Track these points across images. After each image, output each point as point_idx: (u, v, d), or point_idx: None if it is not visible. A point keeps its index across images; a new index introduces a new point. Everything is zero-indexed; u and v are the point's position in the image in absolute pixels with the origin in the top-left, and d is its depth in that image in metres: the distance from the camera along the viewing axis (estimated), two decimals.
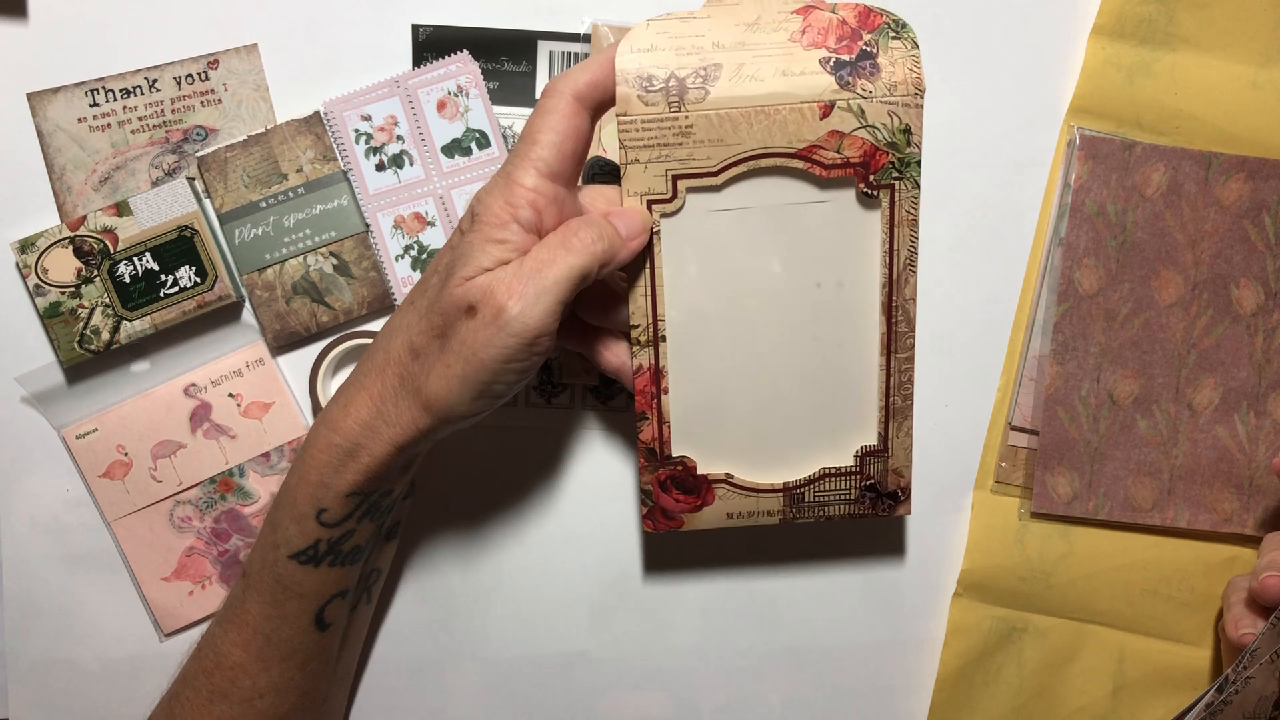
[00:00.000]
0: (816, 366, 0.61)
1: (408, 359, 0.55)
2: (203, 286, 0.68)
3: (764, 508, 0.62)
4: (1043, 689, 0.71)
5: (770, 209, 0.58)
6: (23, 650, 0.72)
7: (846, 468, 0.62)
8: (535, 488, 0.72)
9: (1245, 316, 0.69)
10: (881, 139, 0.56)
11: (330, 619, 0.61)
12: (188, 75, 0.69)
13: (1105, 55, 0.69)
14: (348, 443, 0.56)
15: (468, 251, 0.54)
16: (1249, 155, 0.68)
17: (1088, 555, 0.71)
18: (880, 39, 0.56)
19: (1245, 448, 0.70)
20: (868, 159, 0.57)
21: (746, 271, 0.59)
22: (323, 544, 0.59)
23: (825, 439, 0.62)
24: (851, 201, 0.58)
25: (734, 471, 0.62)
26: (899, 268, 0.59)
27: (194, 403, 0.70)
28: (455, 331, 0.53)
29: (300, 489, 0.58)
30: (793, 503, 0.62)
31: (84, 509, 0.71)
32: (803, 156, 0.57)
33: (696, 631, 0.72)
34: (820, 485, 0.62)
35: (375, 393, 0.56)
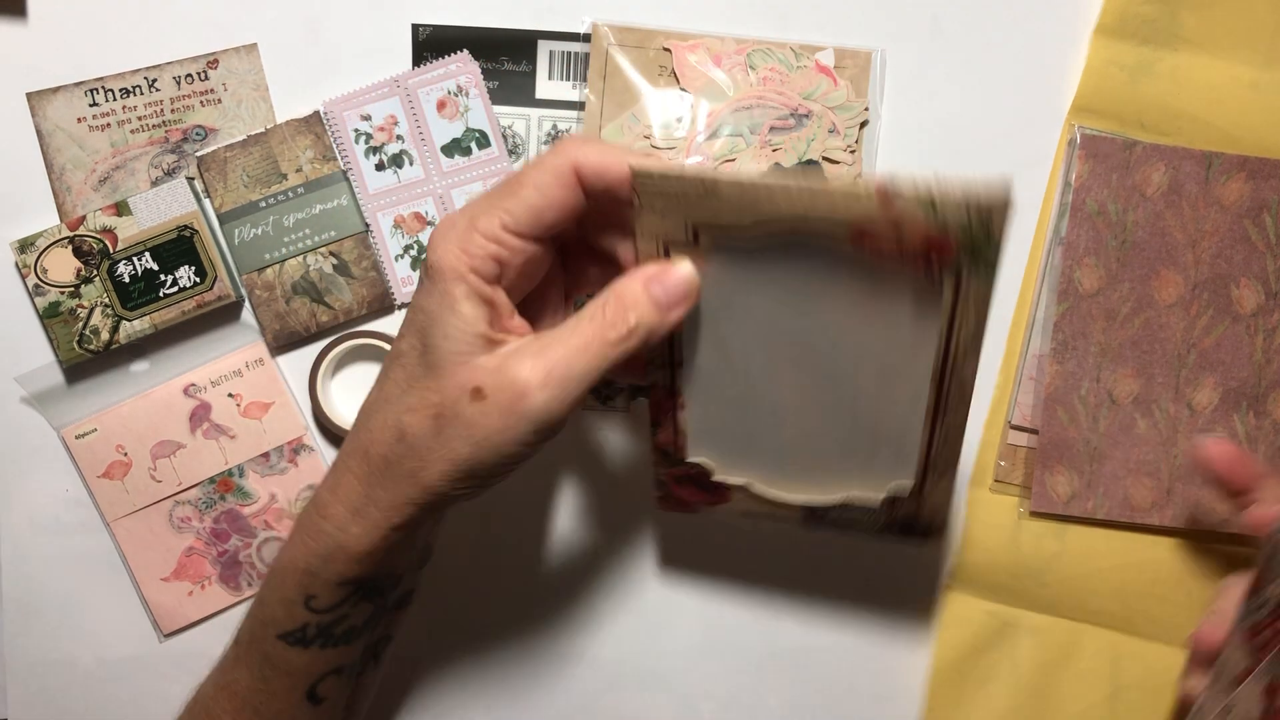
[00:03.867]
0: (857, 415, 0.55)
1: (393, 440, 0.51)
2: (202, 286, 0.68)
3: (782, 514, 0.60)
4: (1039, 689, 0.71)
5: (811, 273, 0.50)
6: (23, 650, 0.72)
7: (874, 502, 0.58)
8: (535, 488, 0.72)
9: (1245, 316, 0.69)
10: (954, 233, 0.47)
11: (324, 694, 0.59)
12: (187, 75, 0.69)
13: (1108, 55, 0.69)
14: (336, 529, 0.53)
15: (440, 314, 0.50)
16: (1250, 155, 0.68)
17: (1082, 554, 0.71)
18: None
19: (1244, 447, 0.70)
20: (932, 249, 0.48)
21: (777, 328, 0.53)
22: (311, 627, 0.56)
23: (854, 473, 0.58)
24: (907, 283, 0.50)
25: (752, 483, 0.59)
26: (958, 348, 0.51)
27: (194, 403, 0.70)
28: (458, 414, 0.49)
29: (289, 574, 0.55)
30: (814, 517, 0.60)
31: (84, 509, 0.71)
32: (854, 240, 0.48)
33: (696, 631, 0.72)
34: (844, 512, 0.59)
35: (362, 475, 0.53)
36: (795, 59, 0.70)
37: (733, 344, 0.54)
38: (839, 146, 0.70)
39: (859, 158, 0.70)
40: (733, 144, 0.69)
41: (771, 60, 0.70)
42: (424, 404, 0.50)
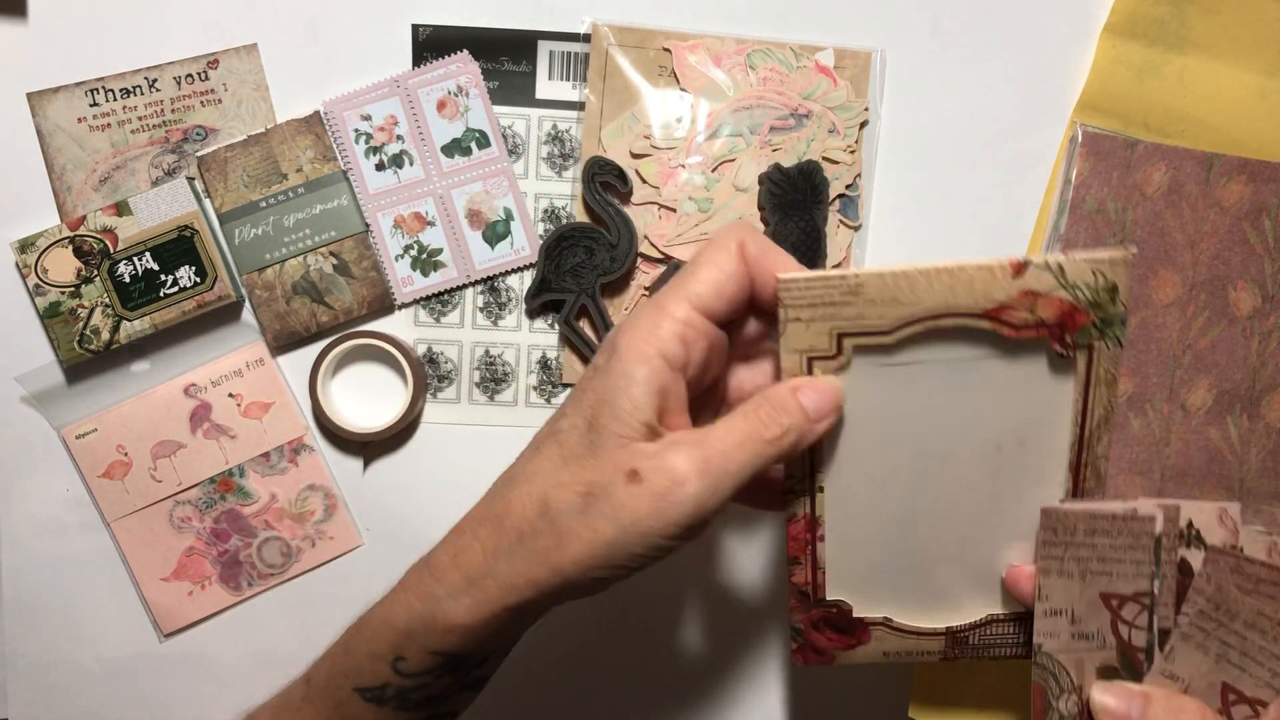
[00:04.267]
0: (991, 520, 0.55)
1: (534, 514, 0.49)
2: (202, 286, 0.68)
3: (924, 648, 0.58)
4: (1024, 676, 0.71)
5: (949, 364, 0.52)
6: (23, 650, 0.72)
7: (1016, 613, 0.57)
8: None
9: (1241, 319, 0.69)
10: (1083, 299, 0.50)
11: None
12: (188, 75, 0.69)
13: (1116, 54, 0.69)
14: (446, 595, 0.51)
15: (614, 396, 0.49)
16: (1250, 158, 0.69)
17: None
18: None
19: (1237, 450, 0.70)
20: (1064, 319, 0.50)
21: (918, 427, 0.53)
22: (392, 688, 0.54)
23: (995, 584, 0.57)
24: (1042, 362, 0.52)
25: (893, 616, 0.57)
26: (1092, 427, 0.53)
27: (194, 403, 0.70)
28: (610, 495, 0.48)
29: (383, 629, 0.53)
30: (955, 644, 0.58)
31: (84, 509, 0.71)
32: (990, 317, 0.50)
33: (697, 631, 0.73)
34: (986, 630, 0.57)
35: (490, 545, 0.51)
36: (795, 59, 0.70)
37: (874, 459, 0.54)
38: (839, 146, 0.70)
39: (859, 158, 0.70)
40: (733, 144, 0.70)
41: (771, 60, 0.70)
42: (575, 480, 0.49)
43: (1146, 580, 0.54)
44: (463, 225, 0.70)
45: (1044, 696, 0.57)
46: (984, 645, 0.58)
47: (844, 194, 0.70)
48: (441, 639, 0.51)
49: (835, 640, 0.58)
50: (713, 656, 0.73)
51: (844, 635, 0.58)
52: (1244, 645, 0.53)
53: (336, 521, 0.71)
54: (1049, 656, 0.56)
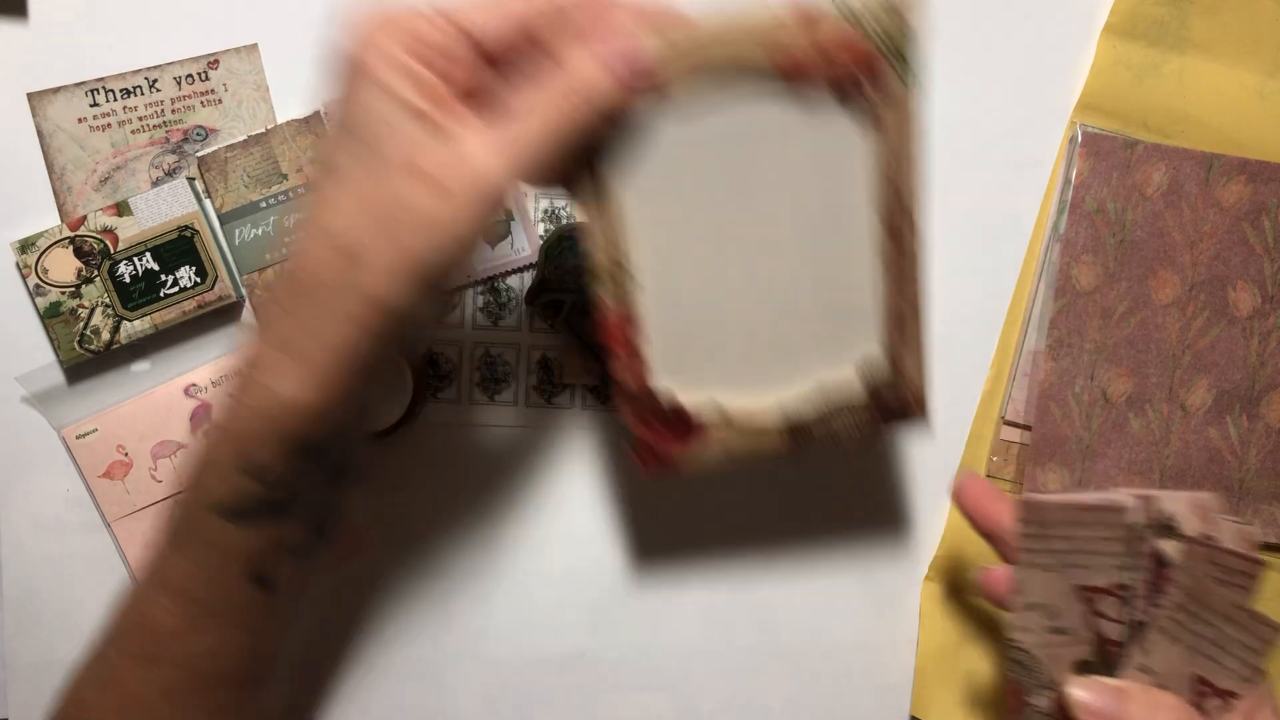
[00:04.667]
0: (808, 282, 0.55)
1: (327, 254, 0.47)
2: (203, 286, 0.68)
3: (764, 444, 0.57)
4: None
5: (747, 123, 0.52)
6: (23, 650, 0.72)
7: (849, 382, 0.57)
8: (535, 488, 0.72)
9: (1241, 319, 0.69)
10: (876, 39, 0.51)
11: (272, 577, 0.54)
12: (188, 75, 0.69)
13: (1115, 54, 0.69)
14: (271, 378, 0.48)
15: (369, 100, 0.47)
16: (1250, 158, 0.69)
17: None
18: None
19: (1237, 450, 0.70)
20: (860, 65, 0.51)
21: (723, 198, 0.54)
22: (250, 497, 0.51)
23: (821, 352, 0.57)
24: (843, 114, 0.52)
25: (722, 398, 0.57)
26: (898, 170, 0.54)
27: (194, 403, 0.70)
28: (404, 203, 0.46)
29: (222, 439, 0.50)
30: (796, 436, 0.57)
31: (84, 509, 0.71)
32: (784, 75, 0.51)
33: (696, 631, 0.73)
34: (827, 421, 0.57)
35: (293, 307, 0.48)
36: None
37: (678, 233, 0.54)
38: None
39: None
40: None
41: None
42: (362, 207, 0.46)
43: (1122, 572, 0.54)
44: None
45: (1019, 693, 0.57)
46: (829, 435, 0.58)
47: None
48: (283, 426, 0.49)
49: (670, 437, 0.57)
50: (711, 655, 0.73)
51: (676, 429, 0.57)
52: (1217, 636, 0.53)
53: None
54: (1024, 653, 0.56)
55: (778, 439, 0.57)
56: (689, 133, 0.52)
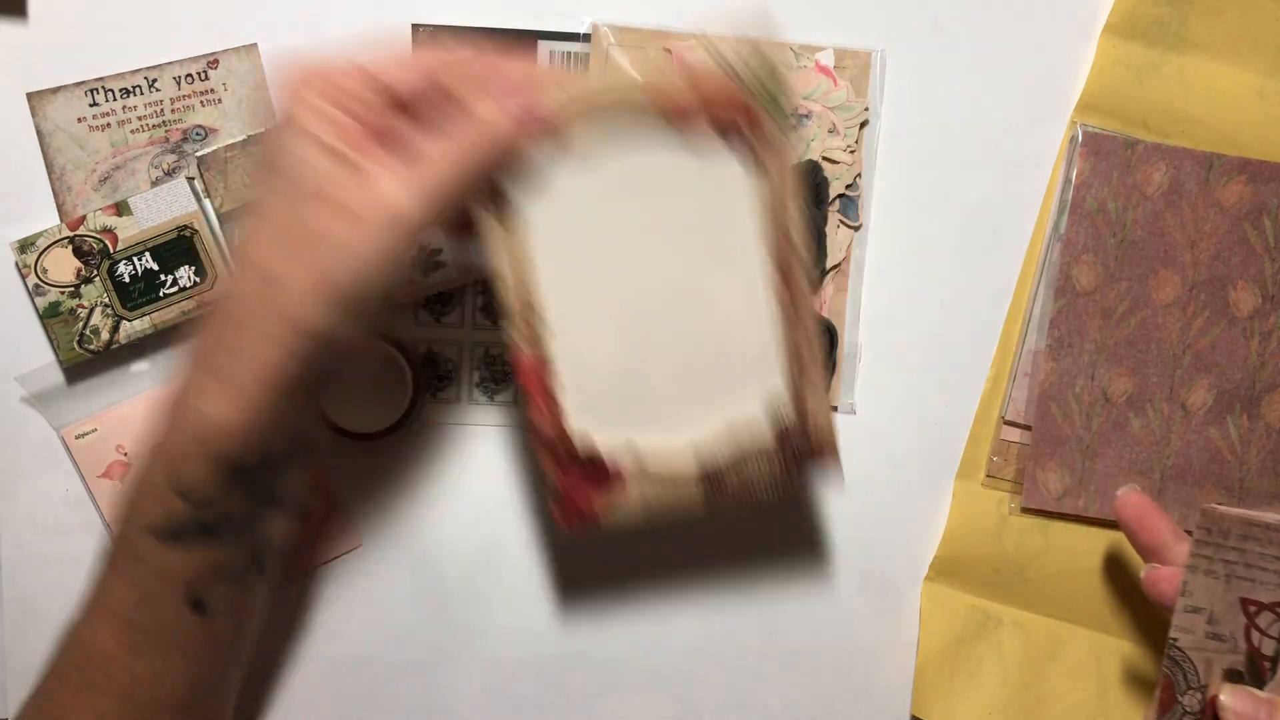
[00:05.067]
0: (710, 320, 0.58)
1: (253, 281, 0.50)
2: (202, 286, 0.68)
3: (682, 494, 0.59)
4: (1028, 683, 0.71)
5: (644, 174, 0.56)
6: (23, 650, 0.72)
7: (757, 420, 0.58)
8: (535, 488, 0.72)
9: (1241, 319, 0.69)
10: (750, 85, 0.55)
11: (210, 603, 0.55)
12: (187, 75, 0.69)
13: (1116, 54, 0.69)
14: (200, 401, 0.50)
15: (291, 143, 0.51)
16: (1250, 158, 0.69)
17: (1066, 553, 0.71)
18: None
19: (1237, 450, 0.70)
20: (738, 112, 0.55)
21: (624, 241, 0.57)
22: (182, 517, 0.52)
23: (728, 390, 0.59)
24: (729, 158, 0.56)
25: (637, 439, 0.58)
26: (786, 216, 0.57)
27: None
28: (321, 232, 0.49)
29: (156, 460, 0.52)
30: (713, 488, 0.59)
31: (84, 509, 0.71)
32: (672, 120, 0.55)
33: (696, 631, 0.73)
34: (739, 468, 0.59)
35: (220, 332, 0.51)
36: (795, 59, 0.70)
37: (583, 278, 0.57)
38: (839, 147, 0.70)
39: (859, 158, 0.70)
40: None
41: None
42: (281, 235, 0.49)
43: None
44: None
45: (1171, 689, 0.58)
46: (743, 484, 0.59)
47: (844, 194, 0.70)
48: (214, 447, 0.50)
49: (587, 485, 0.58)
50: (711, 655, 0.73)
51: (593, 476, 0.58)
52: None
53: (336, 522, 0.71)
54: (1181, 652, 0.58)
55: (694, 489, 0.59)
56: (587, 180, 0.56)
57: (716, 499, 0.59)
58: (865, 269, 0.71)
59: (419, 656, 0.72)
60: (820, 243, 0.69)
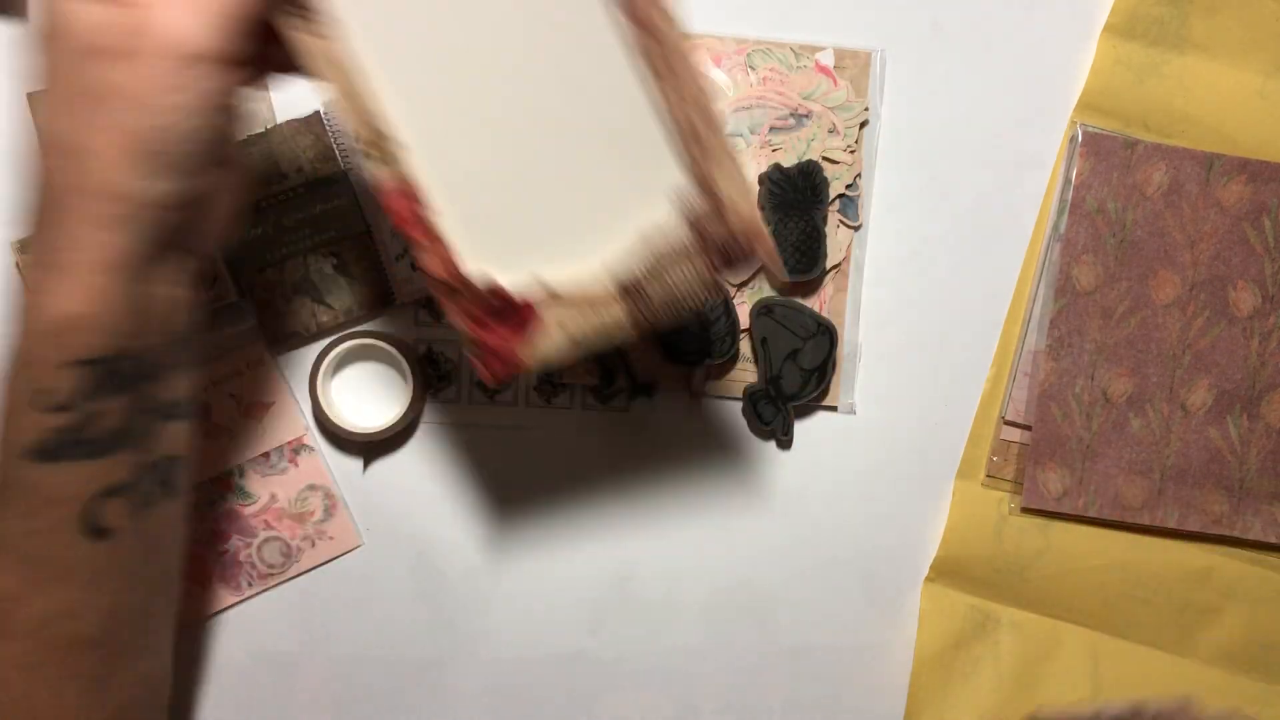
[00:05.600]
0: (581, 110, 0.50)
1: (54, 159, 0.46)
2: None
3: (606, 317, 0.51)
4: (1023, 685, 0.71)
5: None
6: None
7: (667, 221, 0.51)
8: (535, 487, 0.72)
9: (1241, 319, 0.69)
10: None
11: (108, 525, 0.50)
12: None
13: (1116, 54, 0.69)
14: (43, 297, 0.46)
15: None
16: (1250, 158, 0.69)
17: (1065, 553, 0.71)
18: None
19: (1237, 450, 0.70)
20: None
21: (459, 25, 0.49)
22: (55, 433, 0.47)
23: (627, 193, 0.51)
24: None
25: (543, 270, 0.51)
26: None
27: None
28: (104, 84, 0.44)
29: (14, 375, 0.48)
30: (637, 303, 0.51)
31: None
32: None
33: (696, 631, 0.73)
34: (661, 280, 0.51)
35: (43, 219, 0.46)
36: (795, 59, 0.70)
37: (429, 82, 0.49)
38: (839, 146, 0.70)
39: (859, 158, 0.70)
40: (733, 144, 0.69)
41: (771, 60, 0.70)
42: (69, 103, 0.44)
43: None
44: None
45: None
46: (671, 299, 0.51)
47: (844, 194, 0.70)
48: (69, 345, 0.46)
49: (504, 331, 0.51)
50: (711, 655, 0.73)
51: (506, 318, 0.51)
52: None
53: (336, 521, 0.71)
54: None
55: (616, 308, 0.51)
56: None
57: (642, 314, 0.51)
58: (865, 269, 0.71)
59: (419, 656, 0.72)
60: (820, 243, 0.69)
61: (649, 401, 0.72)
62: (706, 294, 0.52)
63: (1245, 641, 0.71)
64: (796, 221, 0.69)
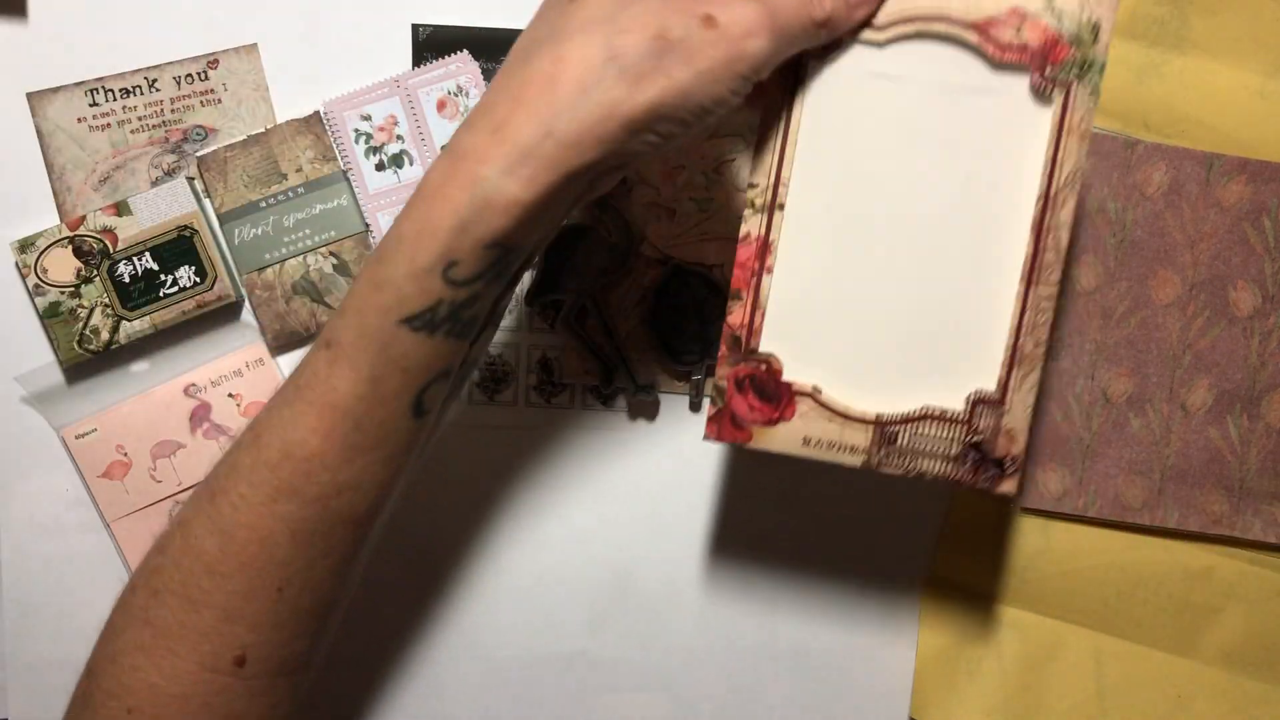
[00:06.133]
0: (945, 279, 0.54)
1: (597, 63, 0.45)
2: (202, 286, 0.68)
3: (849, 441, 0.54)
4: (1027, 685, 0.71)
5: (932, 86, 0.53)
6: (23, 650, 0.72)
7: (954, 413, 0.53)
8: (535, 487, 0.72)
9: (1241, 319, 0.69)
10: (1067, 30, 0.51)
11: (428, 405, 0.51)
12: (187, 75, 0.69)
13: (1115, 54, 0.69)
14: (497, 174, 0.46)
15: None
16: (1250, 158, 0.69)
17: (1066, 553, 0.71)
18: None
19: (1237, 450, 0.70)
20: (1048, 49, 0.51)
21: (891, 154, 0.54)
22: (444, 306, 0.48)
23: (935, 372, 0.54)
24: (1022, 94, 0.52)
25: (823, 385, 0.54)
26: (1059, 183, 0.52)
27: (194, 403, 0.70)
28: (685, 39, 0.46)
29: (426, 238, 0.47)
30: (883, 443, 0.54)
31: (84, 509, 0.71)
32: (979, 30, 0.51)
33: (696, 631, 0.73)
34: (919, 428, 0.54)
35: (542, 107, 0.46)
36: None
37: (841, 180, 0.54)
38: None
39: None
40: (732, 144, 0.70)
41: None
42: (643, 25, 0.46)
43: None
44: None
45: None
46: (914, 451, 0.54)
47: None
48: (497, 225, 0.47)
49: (757, 410, 0.55)
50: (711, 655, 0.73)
51: (768, 404, 0.55)
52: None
53: None
54: None
55: (861, 437, 0.54)
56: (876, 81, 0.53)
57: (878, 456, 0.54)
58: None
59: (419, 656, 0.72)
60: None
61: (649, 401, 0.72)
62: (946, 469, 0.54)
63: (1245, 641, 0.71)
64: None
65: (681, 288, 0.69)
